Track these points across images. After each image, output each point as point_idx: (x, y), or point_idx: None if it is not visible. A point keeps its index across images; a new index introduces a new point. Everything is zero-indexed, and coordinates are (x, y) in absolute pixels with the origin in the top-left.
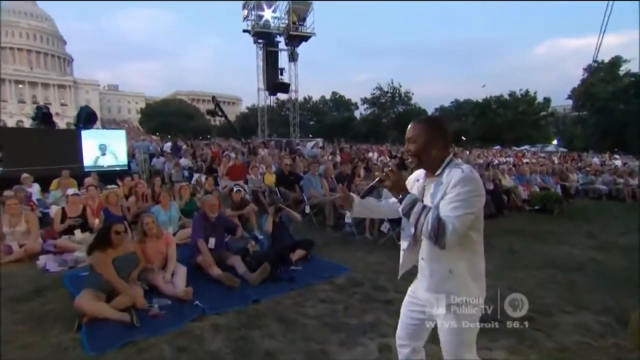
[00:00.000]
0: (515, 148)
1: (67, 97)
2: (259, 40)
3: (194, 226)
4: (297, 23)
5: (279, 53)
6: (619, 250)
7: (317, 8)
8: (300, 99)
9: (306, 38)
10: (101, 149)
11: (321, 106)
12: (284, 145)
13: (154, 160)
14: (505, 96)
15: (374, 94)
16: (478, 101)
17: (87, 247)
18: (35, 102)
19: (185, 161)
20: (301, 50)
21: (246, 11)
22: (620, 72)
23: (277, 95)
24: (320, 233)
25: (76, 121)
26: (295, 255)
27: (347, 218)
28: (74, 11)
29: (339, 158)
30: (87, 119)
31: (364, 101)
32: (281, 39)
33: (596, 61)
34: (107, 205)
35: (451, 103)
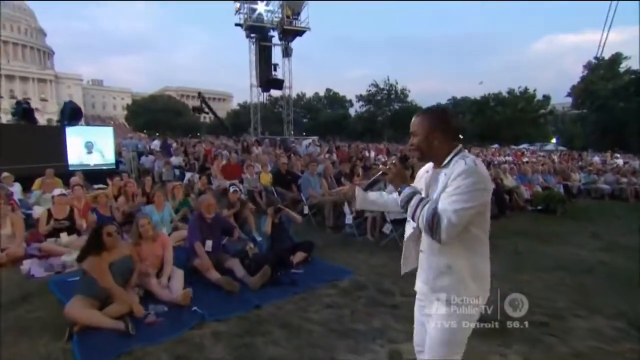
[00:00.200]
0: (513, 147)
1: (47, 92)
2: (252, 35)
3: (190, 228)
4: (292, 17)
5: (273, 48)
6: (626, 251)
7: (312, 1)
8: (294, 95)
9: (300, 33)
10: (87, 147)
11: (315, 103)
12: (278, 144)
13: (143, 159)
14: (504, 93)
15: (369, 91)
16: (476, 99)
17: (79, 252)
18: (13, 97)
19: (176, 160)
20: (295, 45)
21: (238, 4)
22: (621, 69)
23: (270, 92)
24: (320, 234)
25: (60, 117)
26: (295, 258)
27: (348, 219)
28: (54, 2)
29: (336, 157)
30: (71, 115)
31: (359, 98)
32: (275, 34)
33: (597, 58)
34: (97, 206)
35: (448, 100)
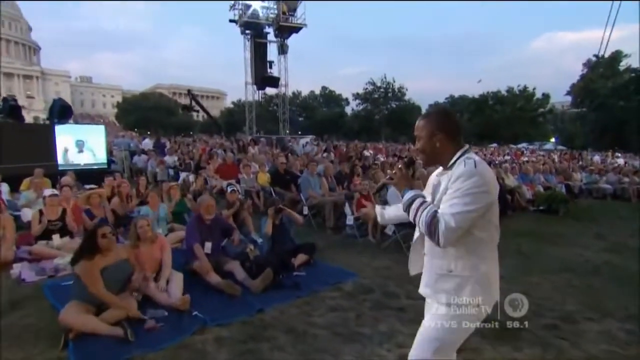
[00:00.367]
0: (512, 146)
1: (33, 89)
2: (247, 31)
3: (189, 229)
4: (287, 13)
5: (268, 45)
6: (631, 252)
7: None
8: (289, 93)
9: (297, 29)
10: (78, 146)
11: (310, 101)
12: (274, 143)
13: (135, 158)
14: (503, 92)
15: (366, 89)
16: (474, 97)
17: (72, 256)
18: None
19: (170, 159)
20: (291, 42)
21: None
22: (621, 67)
23: (265, 90)
24: (320, 235)
25: (49, 115)
26: (297, 260)
27: (349, 220)
28: None
29: (333, 156)
30: (61, 112)
31: (356, 97)
32: (270, 30)
33: (597, 55)
34: (90, 207)
35: (446, 99)
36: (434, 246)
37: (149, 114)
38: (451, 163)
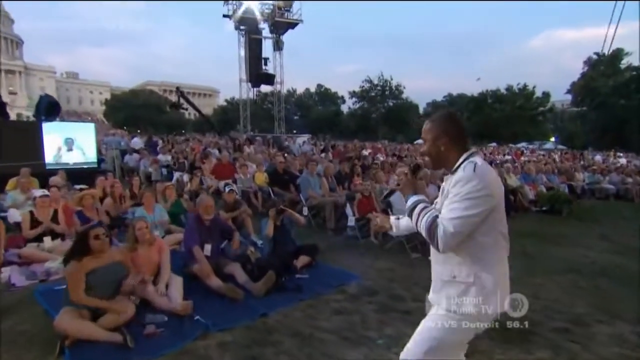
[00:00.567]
0: (512, 145)
1: (16, 85)
2: (241, 27)
3: (188, 231)
4: (283, 9)
5: (263, 41)
6: (635, 253)
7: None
8: (284, 91)
9: (293, 25)
10: (67, 144)
11: (306, 99)
12: (270, 142)
13: (127, 157)
14: (502, 90)
15: (362, 87)
16: (473, 95)
17: (64, 256)
18: None
19: (164, 158)
20: (286, 38)
21: None
22: (622, 65)
23: (260, 87)
24: (320, 236)
25: (35, 112)
26: (299, 262)
27: (350, 220)
28: None
29: (331, 156)
30: (48, 109)
31: (352, 95)
32: (265, 26)
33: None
34: (82, 208)
35: (444, 97)
36: (437, 252)
37: (138, 112)
38: (455, 167)
